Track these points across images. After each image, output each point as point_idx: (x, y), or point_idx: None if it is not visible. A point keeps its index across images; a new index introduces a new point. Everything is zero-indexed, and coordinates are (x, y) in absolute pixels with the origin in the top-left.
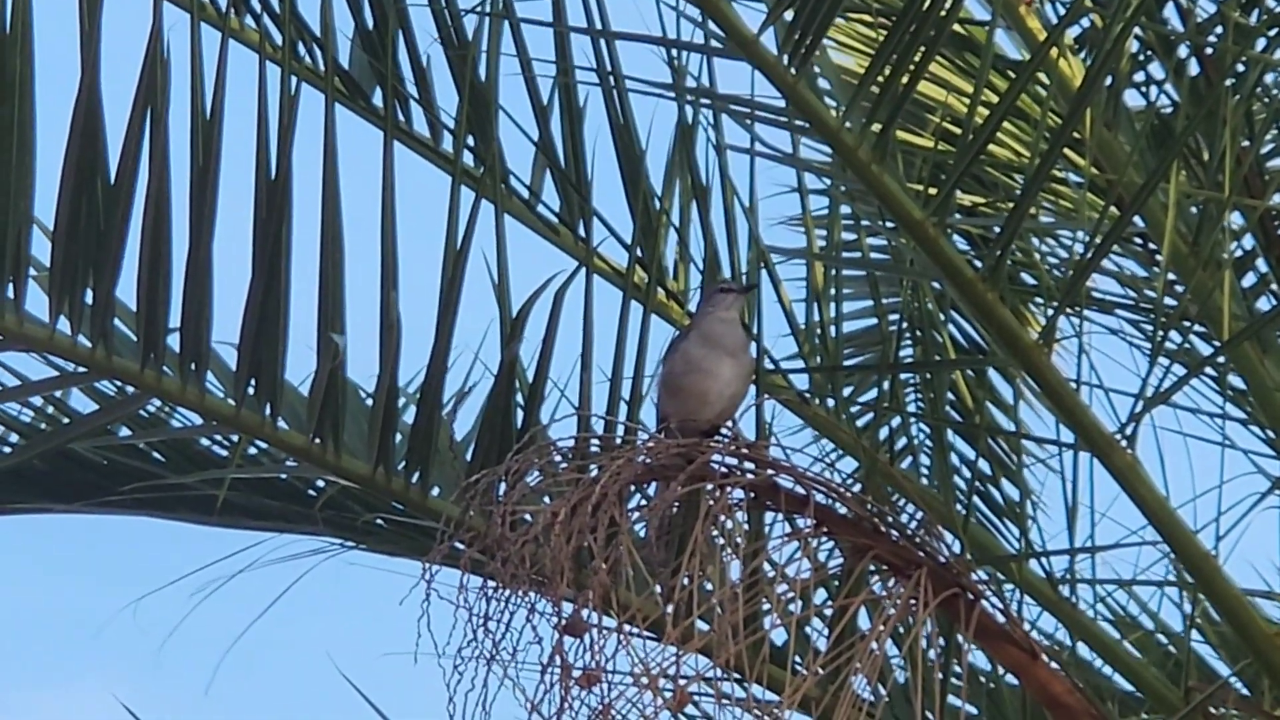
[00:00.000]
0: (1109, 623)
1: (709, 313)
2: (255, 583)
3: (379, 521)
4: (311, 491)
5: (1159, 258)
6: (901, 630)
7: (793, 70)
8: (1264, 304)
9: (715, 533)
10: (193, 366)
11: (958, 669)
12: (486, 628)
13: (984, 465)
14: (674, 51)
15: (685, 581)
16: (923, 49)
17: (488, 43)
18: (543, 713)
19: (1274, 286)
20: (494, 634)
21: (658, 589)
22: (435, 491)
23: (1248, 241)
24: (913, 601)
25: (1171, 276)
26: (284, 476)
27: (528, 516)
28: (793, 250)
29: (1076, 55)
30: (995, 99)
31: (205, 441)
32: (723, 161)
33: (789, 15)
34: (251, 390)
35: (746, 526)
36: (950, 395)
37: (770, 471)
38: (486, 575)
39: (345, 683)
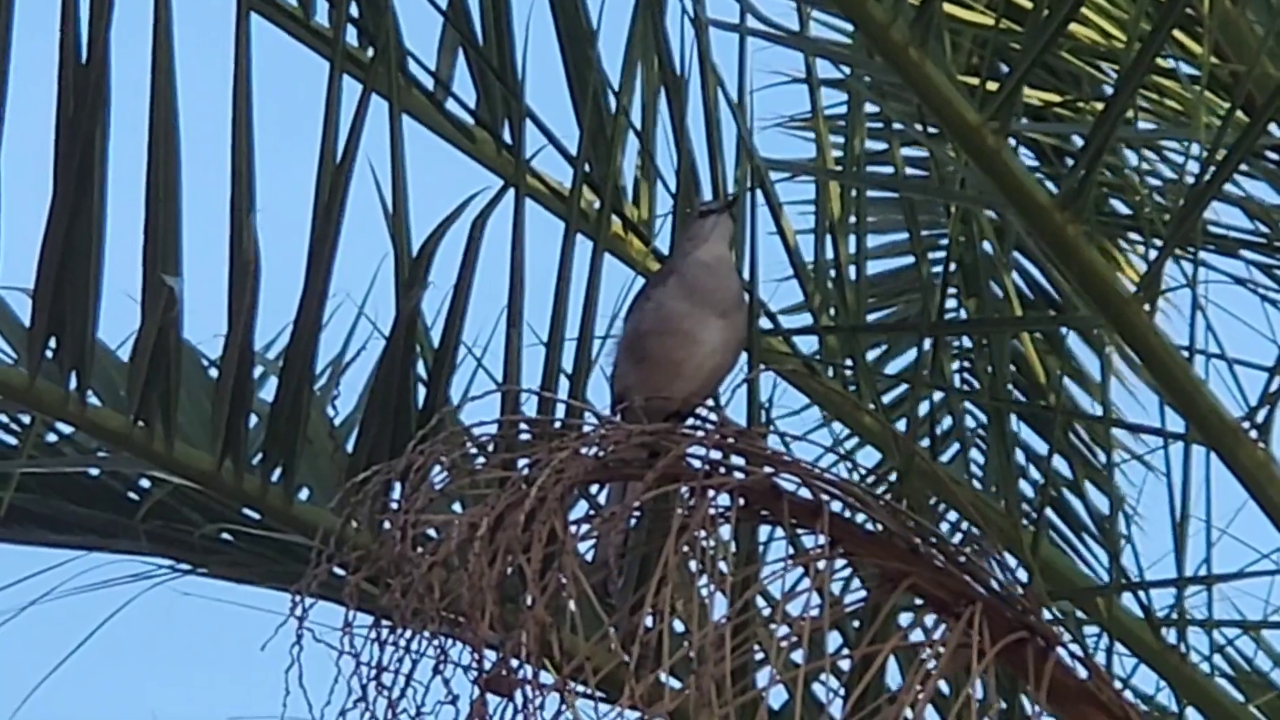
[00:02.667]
0: (1228, 680)
1: (689, 251)
2: (53, 618)
3: (226, 536)
4: (133, 494)
5: None
6: (947, 688)
7: None
8: None
9: (692, 554)
10: None
11: None
12: (380, 682)
13: (1060, 464)
14: None
15: (650, 621)
16: None
17: None
18: None
19: None
20: (390, 691)
21: (613, 631)
22: (304, 495)
23: None
24: (963, 649)
25: None
26: (95, 473)
27: (435, 531)
28: (798, 164)
29: None
30: None
31: None
32: (702, 41)
33: None
34: (50, 353)
35: (734, 546)
36: (1013, 367)
37: (767, 469)
38: (379, 611)
39: None
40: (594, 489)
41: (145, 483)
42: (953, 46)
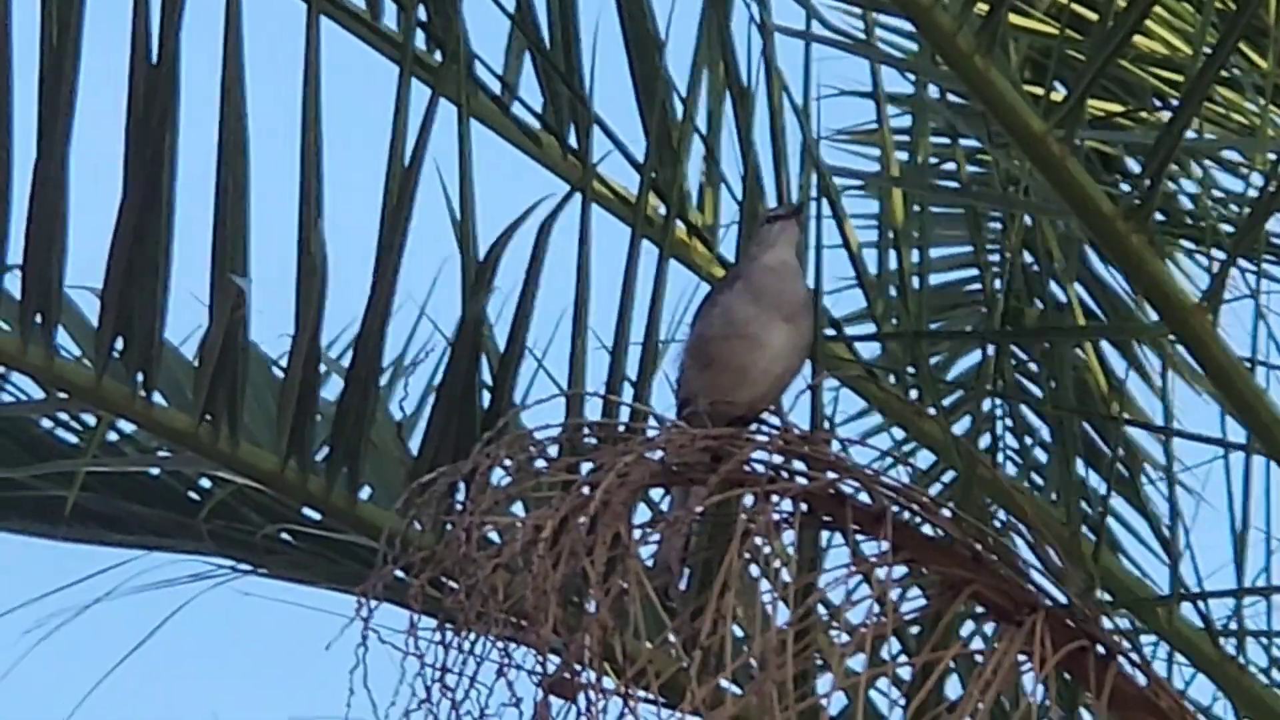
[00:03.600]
0: None
1: (756, 256)
2: (117, 616)
3: (288, 537)
4: (194, 494)
5: None
6: (1008, 697)
7: None
8: None
9: (753, 560)
10: (37, 318)
11: None
12: (444, 684)
13: (1122, 472)
14: None
15: (712, 626)
16: None
17: None
18: None
19: None
20: (454, 693)
21: (674, 636)
22: (368, 495)
23: None
24: (1024, 658)
25: None
26: (156, 472)
27: (499, 534)
28: (863, 174)
29: None
30: None
31: (48, 423)
32: (769, 49)
33: None
34: (117, 353)
35: (796, 552)
36: (1076, 375)
37: (830, 475)
38: (444, 613)
39: None
40: (657, 493)
41: (206, 483)
42: (1020, 56)
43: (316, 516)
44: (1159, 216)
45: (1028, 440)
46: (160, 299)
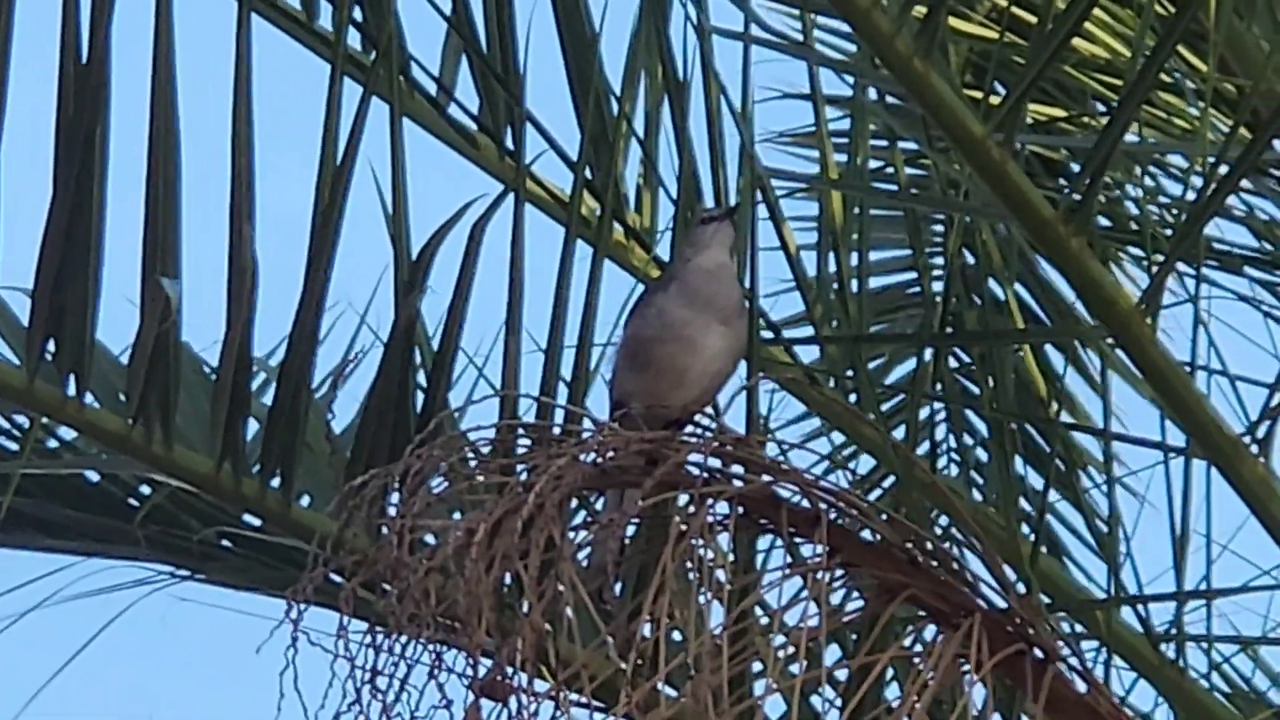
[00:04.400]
0: (1225, 696)
1: (690, 258)
2: (52, 624)
3: (224, 541)
4: (132, 500)
5: None
6: (945, 699)
7: None
8: None
9: (689, 562)
10: None
11: None
12: (375, 687)
13: (1062, 474)
14: None
15: (648, 629)
16: None
17: None
18: None
19: None
20: (385, 696)
21: (610, 639)
22: (303, 500)
23: None
24: (961, 661)
25: None
26: (94, 478)
27: (432, 536)
28: (801, 176)
29: None
30: None
31: None
32: (706, 49)
33: None
34: (49, 355)
35: (732, 554)
36: (1015, 379)
37: (766, 478)
38: (375, 616)
39: None
40: (592, 496)
41: (144, 489)
42: (959, 59)
43: (255, 522)
44: (1102, 221)
45: (970, 441)
46: (91, 300)
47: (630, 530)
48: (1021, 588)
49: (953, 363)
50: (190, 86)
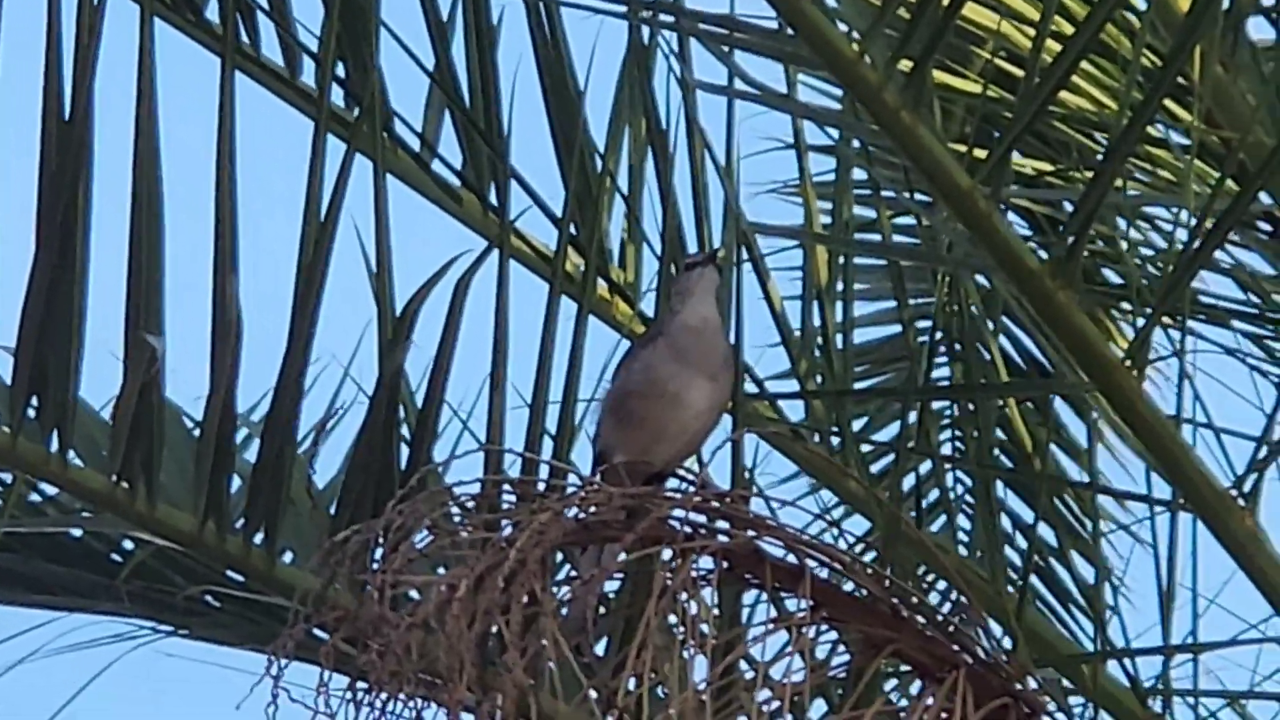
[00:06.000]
0: None
1: (677, 311)
2: (36, 679)
3: (208, 598)
4: (115, 556)
5: None
6: None
7: None
8: None
9: (674, 617)
10: None
11: None
12: None
13: (1046, 531)
14: None
15: (632, 684)
16: None
17: None
18: None
19: None
20: None
21: (593, 694)
22: (286, 557)
23: None
24: (946, 715)
25: None
26: (77, 534)
27: (415, 592)
28: (786, 229)
29: None
30: (1070, 29)
31: None
32: (690, 104)
33: None
34: (32, 412)
35: (717, 609)
36: (1001, 434)
37: (751, 533)
38: (357, 672)
39: None
40: (576, 552)
41: (128, 544)
42: (945, 113)
43: (239, 578)
44: (1090, 274)
45: (960, 494)
46: (74, 358)
47: (615, 585)
48: (1008, 642)
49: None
50: (173, 142)
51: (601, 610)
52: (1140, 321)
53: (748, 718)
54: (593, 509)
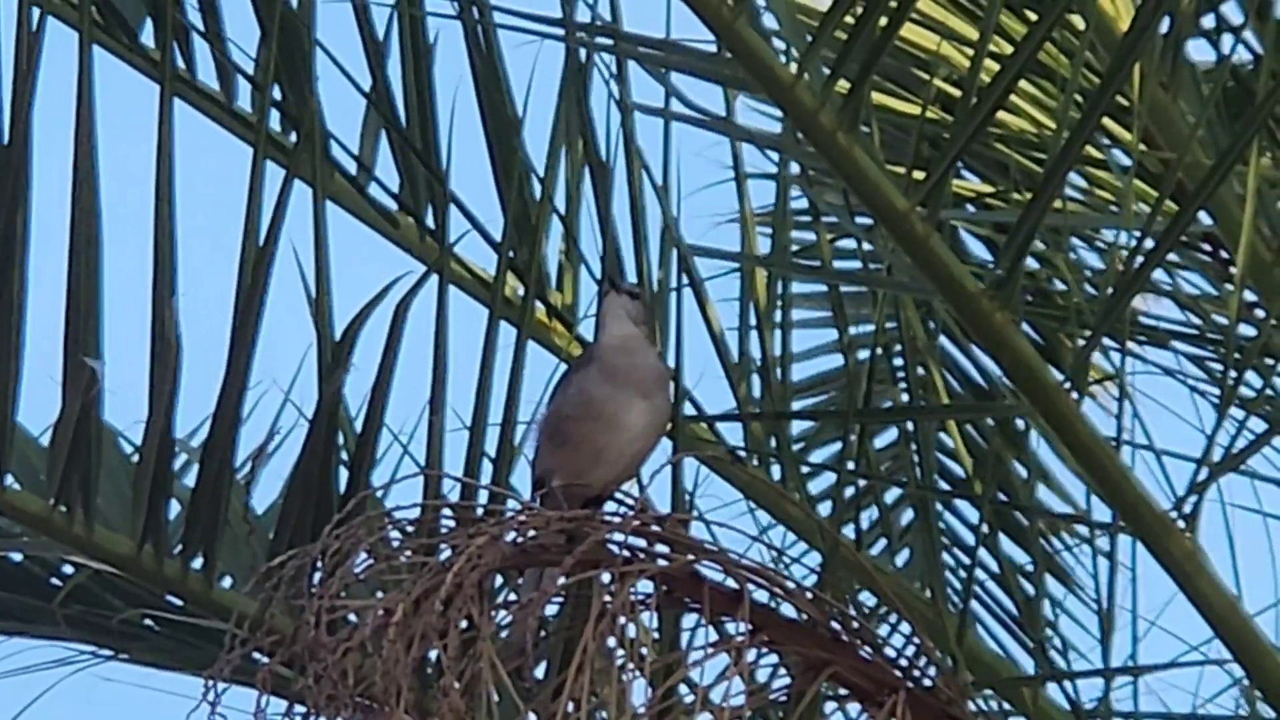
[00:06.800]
0: None
1: (599, 337)
2: None
3: (146, 621)
4: (54, 579)
5: (1233, 270)
6: None
7: (729, 1)
8: None
9: (612, 640)
10: None
11: None
12: None
13: (986, 554)
14: None
15: (571, 708)
16: None
17: None
18: None
19: None
20: None
21: (532, 718)
22: (225, 581)
23: None
24: None
25: (1250, 296)
26: (17, 557)
27: (352, 615)
28: (725, 253)
29: None
30: (1009, 48)
31: None
32: (628, 126)
33: None
34: None
35: (656, 633)
36: (941, 456)
37: (689, 557)
38: (294, 696)
39: None
40: (513, 575)
41: (68, 569)
42: (883, 134)
43: (177, 602)
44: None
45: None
46: (12, 381)
47: (554, 609)
48: (947, 664)
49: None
50: (111, 166)
51: (540, 634)
52: (1079, 343)
53: None
54: (531, 533)
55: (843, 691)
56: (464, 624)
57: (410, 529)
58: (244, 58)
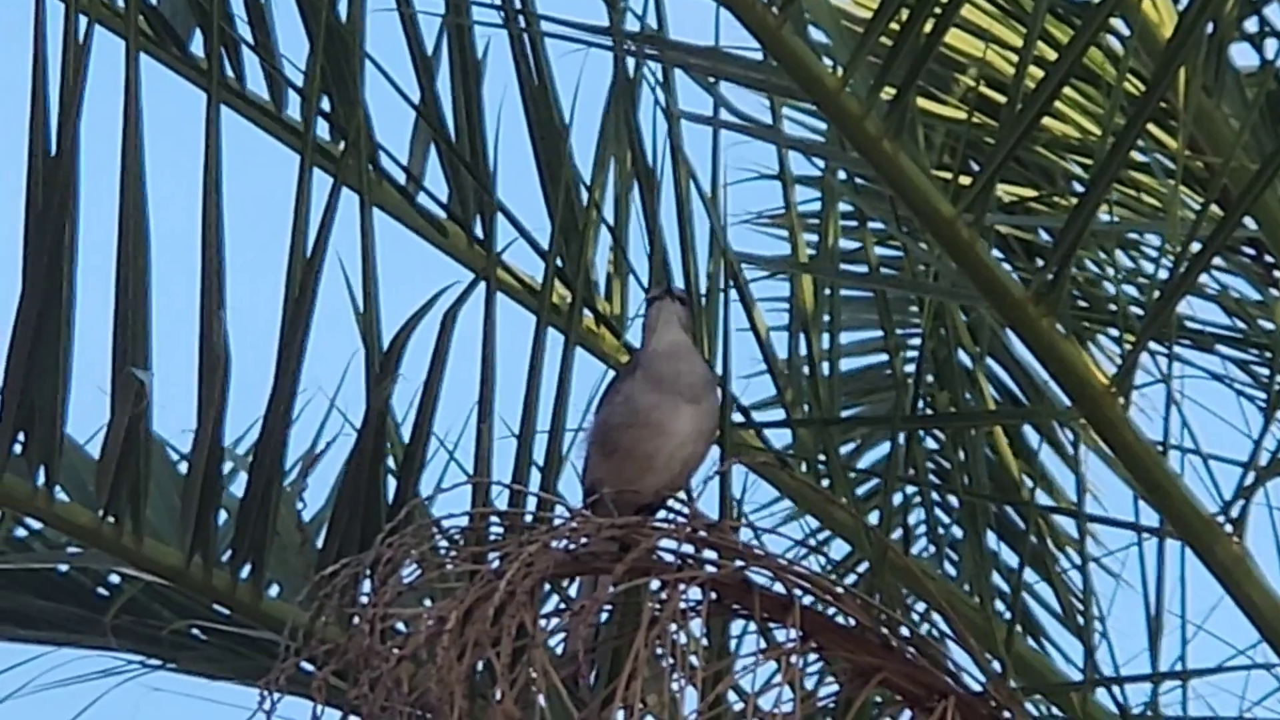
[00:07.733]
0: None
1: (646, 343)
2: (23, 716)
3: (195, 632)
4: (102, 590)
5: (1277, 274)
6: None
7: (775, 9)
8: None
9: (662, 648)
10: None
11: None
12: None
13: (1037, 555)
14: None
15: (621, 716)
16: None
17: None
18: None
19: None
20: None
21: None
22: (274, 591)
23: None
24: None
25: None
26: (64, 569)
27: (403, 625)
28: (772, 260)
29: None
30: (1053, 55)
31: None
32: (675, 135)
33: None
34: (19, 448)
35: (706, 640)
36: (989, 459)
37: (739, 563)
38: (348, 705)
39: None
40: (565, 583)
41: (115, 578)
42: (928, 141)
43: (225, 612)
44: (1075, 300)
45: (947, 520)
46: (61, 393)
47: (604, 616)
48: (996, 669)
49: (931, 444)
50: (159, 176)
51: (591, 642)
52: (1126, 348)
53: None
54: (582, 540)
55: (893, 697)
56: (515, 632)
57: (460, 538)
58: (292, 68)
